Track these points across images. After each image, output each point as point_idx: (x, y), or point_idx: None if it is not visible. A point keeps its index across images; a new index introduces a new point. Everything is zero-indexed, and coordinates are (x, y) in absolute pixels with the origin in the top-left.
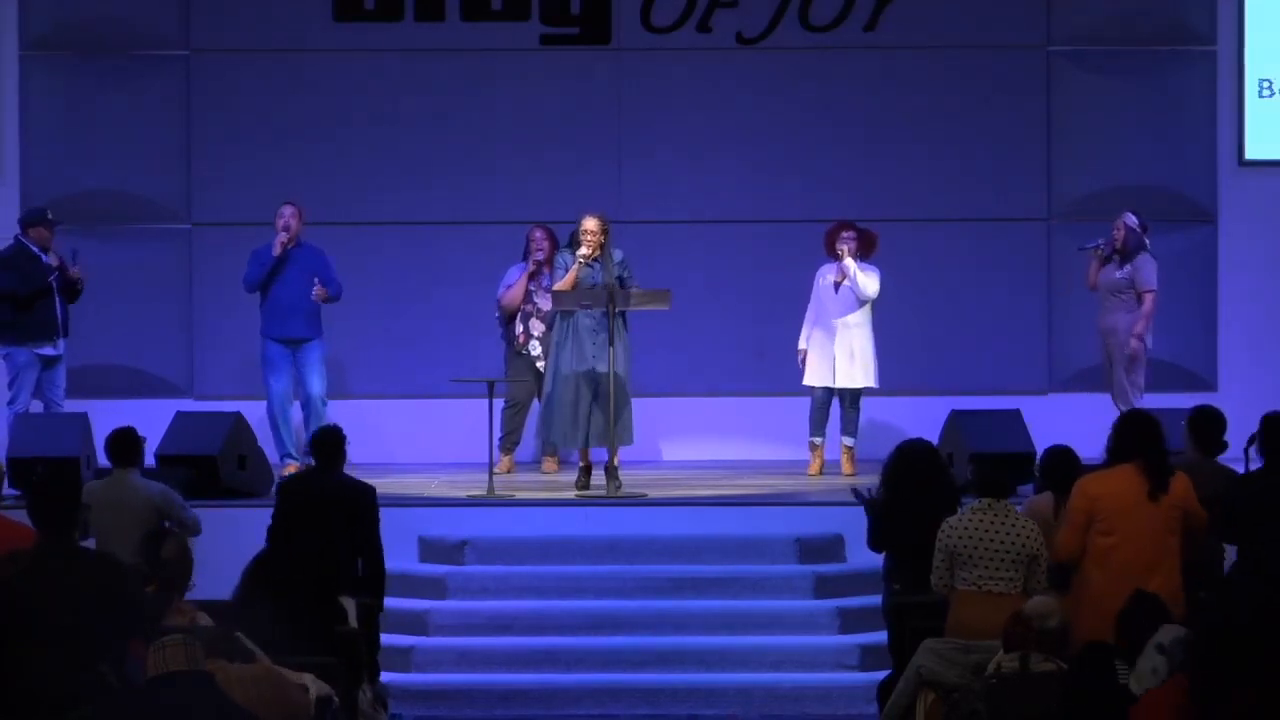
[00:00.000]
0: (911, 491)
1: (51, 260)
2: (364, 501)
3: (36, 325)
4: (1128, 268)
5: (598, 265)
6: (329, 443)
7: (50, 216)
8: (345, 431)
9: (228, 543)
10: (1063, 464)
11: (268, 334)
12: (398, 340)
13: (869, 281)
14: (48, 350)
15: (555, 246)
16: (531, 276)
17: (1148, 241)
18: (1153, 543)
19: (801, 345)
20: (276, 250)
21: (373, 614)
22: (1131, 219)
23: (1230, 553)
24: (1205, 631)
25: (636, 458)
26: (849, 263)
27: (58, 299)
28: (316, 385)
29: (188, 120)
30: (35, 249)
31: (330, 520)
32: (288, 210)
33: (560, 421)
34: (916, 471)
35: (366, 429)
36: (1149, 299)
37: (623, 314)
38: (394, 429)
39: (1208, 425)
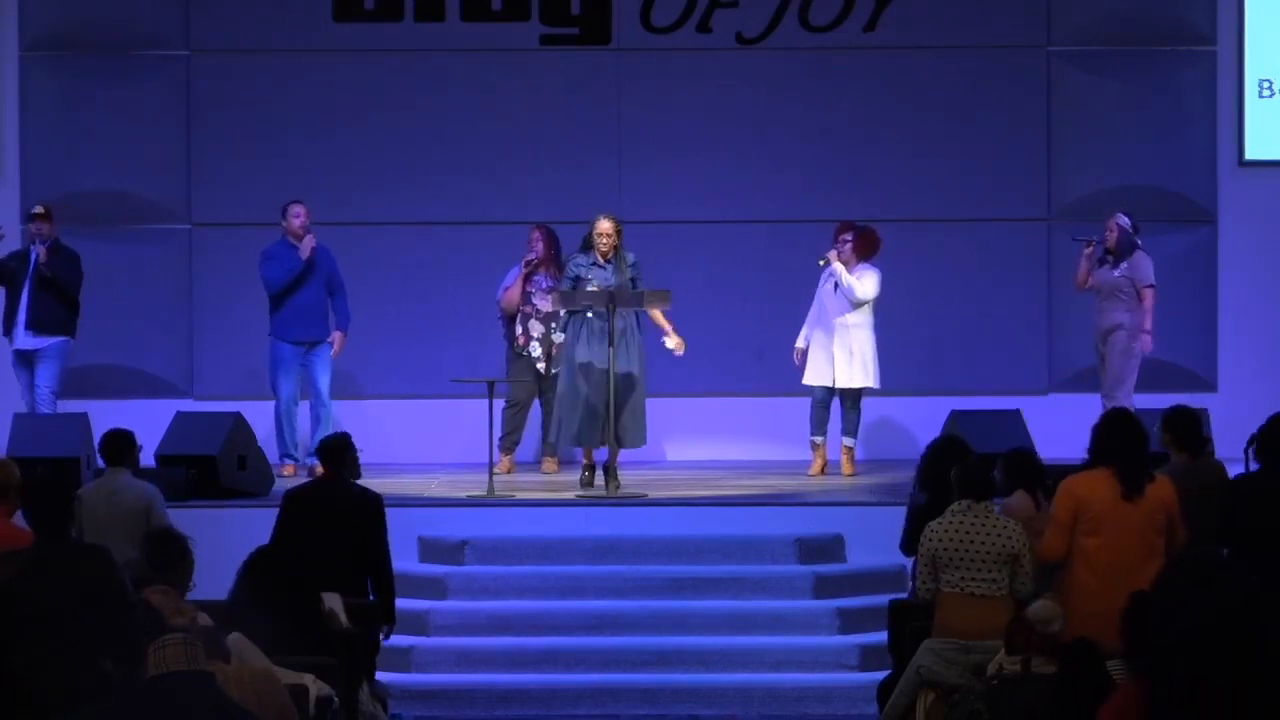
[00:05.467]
0: (947, 491)
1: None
2: (371, 511)
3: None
4: (1124, 265)
5: (610, 267)
6: (337, 449)
7: (38, 211)
8: (346, 432)
9: (228, 543)
10: (1023, 465)
11: (282, 336)
12: (398, 340)
13: (859, 284)
14: (14, 344)
15: (552, 246)
16: (527, 278)
17: (1139, 240)
18: (1137, 542)
19: (799, 345)
20: (305, 254)
21: (370, 614)
22: (1124, 220)
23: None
24: (1166, 637)
25: (636, 458)
26: (837, 267)
27: (27, 291)
28: (325, 383)
29: (188, 120)
30: (29, 245)
31: (337, 528)
32: (302, 211)
33: (577, 421)
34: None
35: (367, 429)
36: (1149, 294)
37: (636, 315)
38: (394, 429)
39: (1188, 426)
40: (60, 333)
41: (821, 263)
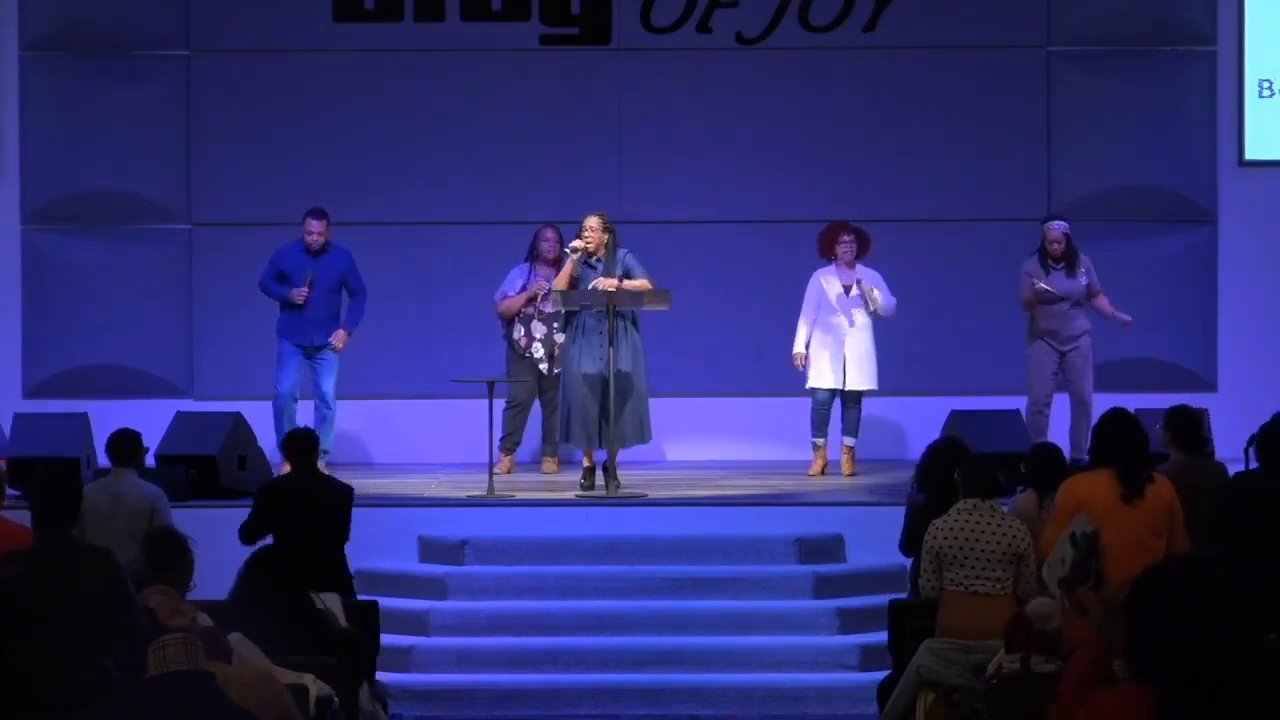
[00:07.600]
0: (945, 491)
1: None
2: (345, 502)
3: None
4: (1082, 275)
5: (600, 266)
6: (307, 444)
7: None
8: (345, 431)
9: (228, 543)
10: (1049, 463)
11: (286, 337)
12: (398, 340)
13: (889, 300)
14: None
15: (562, 248)
16: (531, 300)
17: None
18: (1138, 544)
19: (799, 349)
20: (299, 299)
21: (371, 613)
22: (1064, 225)
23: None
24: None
25: (636, 458)
26: (869, 288)
27: None
28: (329, 385)
29: (188, 120)
30: None
31: (319, 519)
32: (317, 226)
33: (579, 423)
34: (951, 471)
35: (367, 429)
36: (1105, 299)
37: (632, 313)
38: (395, 429)
39: (1189, 425)
40: None
41: (853, 292)
